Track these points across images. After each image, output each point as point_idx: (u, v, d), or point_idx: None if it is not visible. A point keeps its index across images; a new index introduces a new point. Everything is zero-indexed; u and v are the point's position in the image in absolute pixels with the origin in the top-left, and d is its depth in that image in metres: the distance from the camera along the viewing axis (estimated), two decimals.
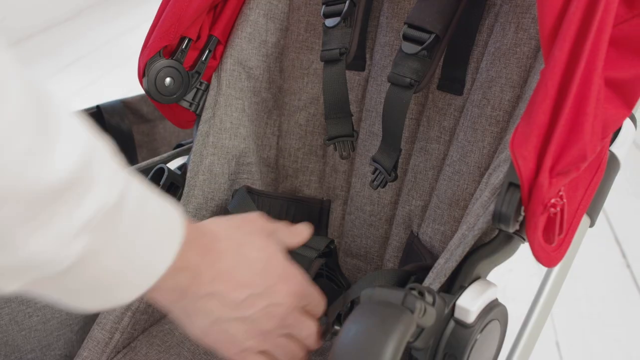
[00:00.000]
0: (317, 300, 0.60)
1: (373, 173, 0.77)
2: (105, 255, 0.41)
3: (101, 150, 0.40)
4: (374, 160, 0.76)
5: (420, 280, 0.61)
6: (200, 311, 0.52)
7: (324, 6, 0.76)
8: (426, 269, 0.61)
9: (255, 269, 0.55)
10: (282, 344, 0.57)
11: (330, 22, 0.75)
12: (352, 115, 0.79)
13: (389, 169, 0.74)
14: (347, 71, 0.76)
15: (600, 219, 1.63)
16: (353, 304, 0.63)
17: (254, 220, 0.61)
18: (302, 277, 0.59)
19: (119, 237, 0.41)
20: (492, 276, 0.58)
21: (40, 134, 0.35)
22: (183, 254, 0.47)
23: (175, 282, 0.49)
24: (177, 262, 0.47)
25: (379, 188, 0.77)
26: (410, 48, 0.69)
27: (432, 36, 0.68)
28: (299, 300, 0.57)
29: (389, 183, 0.76)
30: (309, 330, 0.58)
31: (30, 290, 0.40)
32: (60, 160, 0.36)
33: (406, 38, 0.69)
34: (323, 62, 0.76)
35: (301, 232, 0.66)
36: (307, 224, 0.66)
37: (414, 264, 0.69)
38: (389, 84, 0.71)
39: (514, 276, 1.61)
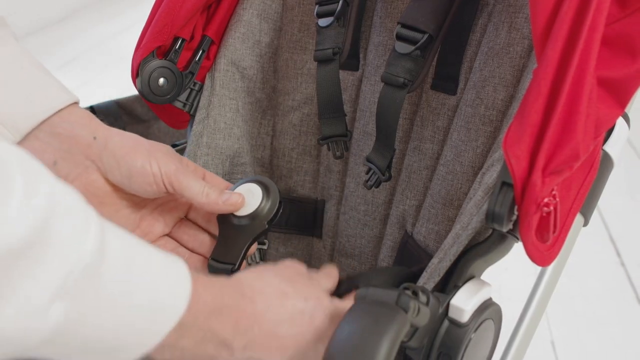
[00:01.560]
0: None
1: (367, 173, 0.77)
2: (93, 320, 0.36)
3: (64, 204, 0.35)
4: (368, 160, 0.76)
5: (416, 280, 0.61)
6: None
7: (317, 6, 0.76)
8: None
9: (301, 325, 0.49)
10: None
11: (323, 21, 0.75)
12: (345, 115, 0.79)
13: (382, 169, 0.75)
14: (340, 71, 0.76)
15: (595, 217, 1.63)
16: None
17: (292, 265, 0.55)
18: None
19: (104, 300, 0.37)
20: (487, 275, 0.58)
21: None
22: (206, 324, 0.43)
23: (199, 351, 0.44)
24: (196, 333, 0.43)
25: (373, 188, 0.77)
26: (403, 48, 0.69)
27: (426, 36, 0.68)
28: None
29: (383, 183, 0.76)
30: None
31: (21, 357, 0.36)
32: (15, 217, 0.32)
33: (399, 38, 0.69)
34: (317, 62, 0.76)
35: (333, 274, 0.61)
36: (334, 268, 0.62)
37: (417, 266, 0.69)
38: (383, 83, 0.71)
39: (509, 275, 1.61)
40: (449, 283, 0.56)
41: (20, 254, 0.32)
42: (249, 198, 0.62)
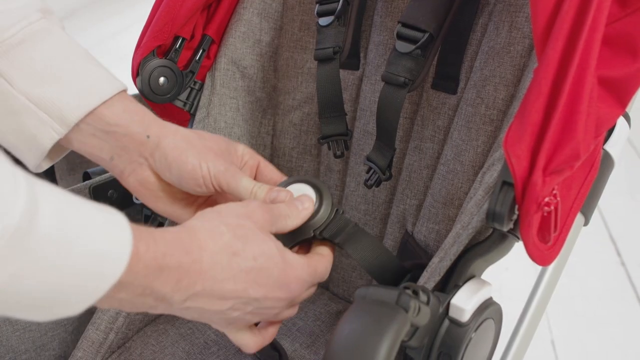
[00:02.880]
0: (308, 296, 0.58)
1: (367, 172, 0.77)
2: (27, 281, 0.36)
3: None
4: (368, 159, 0.76)
5: (415, 278, 0.61)
6: (177, 313, 0.50)
7: (317, 5, 0.76)
8: (422, 267, 0.61)
9: (245, 281, 0.50)
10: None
11: (323, 21, 0.75)
12: (346, 114, 0.79)
13: (383, 168, 0.74)
14: (341, 70, 0.76)
15: (595, 217, 1.63)
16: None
17: (252, 215, 0.53)
18: (299, 281, 0.54)
19: (39, 262, 0.36)
20: (488, 275, 0.58)
21: None
22: (145, 281, 0.44)
23: (137, 302, 0.45)
24: (135, 289, 0.43)
25: (373, 187, 0.77)
26: (404, 47, 0.69)
27: (426, 35, 0.68)
28: (290, 302, 0.55)
29: (383, 182, 0.76)
30: (289, 315, 0.58)
31: None
32: None
33: (400, 37, 0.69)
34: (317, 61, 0.76)
35: (304, 210, 0.58)
36: (308, 197, 0.59)
37: (411, 262, 0.68)
38: (383, 83, 0.71)
39: (510, 275, 1.61)
40: (450, 282, 0.56)
41: None
42: None
